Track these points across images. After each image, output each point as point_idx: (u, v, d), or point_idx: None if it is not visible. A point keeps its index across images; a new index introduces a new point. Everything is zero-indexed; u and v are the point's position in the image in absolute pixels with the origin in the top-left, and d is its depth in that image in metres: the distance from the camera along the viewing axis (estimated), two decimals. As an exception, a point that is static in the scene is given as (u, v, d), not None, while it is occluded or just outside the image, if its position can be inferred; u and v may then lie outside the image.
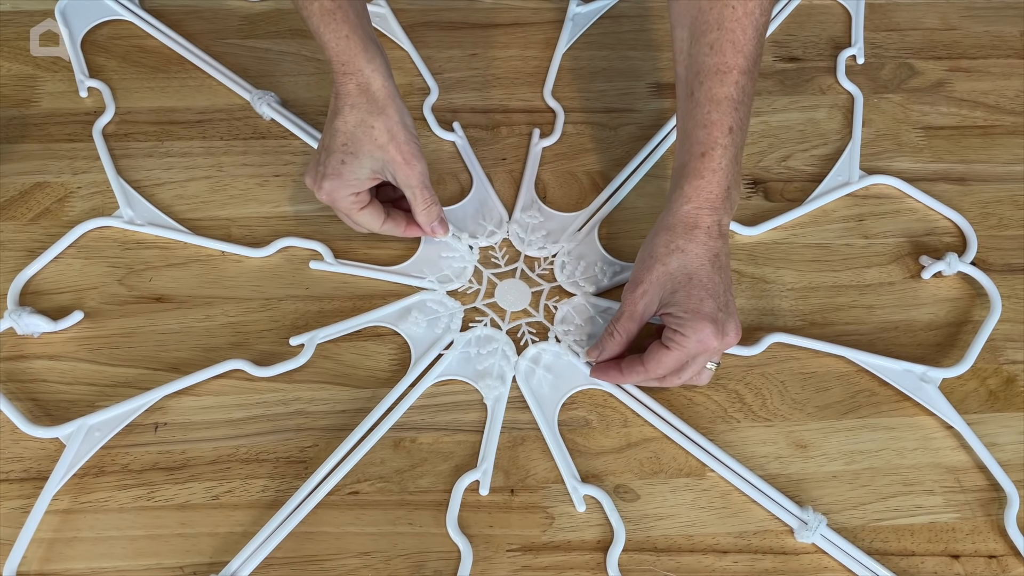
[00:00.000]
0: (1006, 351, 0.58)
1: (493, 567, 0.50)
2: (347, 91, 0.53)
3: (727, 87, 0.51)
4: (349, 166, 0.54)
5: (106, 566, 0.49)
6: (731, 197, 0.52)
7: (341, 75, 0.53)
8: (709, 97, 0.52)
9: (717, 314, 0.50)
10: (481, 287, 0.60)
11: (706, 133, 0.52)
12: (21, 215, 0.61)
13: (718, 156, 0.51)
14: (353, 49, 0.52)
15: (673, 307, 0.51)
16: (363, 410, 0.54)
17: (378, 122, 0.53)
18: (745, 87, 0.52)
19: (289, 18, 0.72)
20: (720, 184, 0.52)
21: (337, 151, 0.54)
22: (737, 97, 0.51)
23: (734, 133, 0.51)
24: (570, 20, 0.73)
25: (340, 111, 0.54)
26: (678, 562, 0.50)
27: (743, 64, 0.51)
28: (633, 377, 0.53)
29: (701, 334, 0.50)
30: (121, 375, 0.55)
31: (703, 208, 0.52)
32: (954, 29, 0.75)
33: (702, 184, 0.52)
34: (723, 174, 0.52)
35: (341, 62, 0.53)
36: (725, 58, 0.51)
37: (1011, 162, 0.67)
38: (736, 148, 0.52)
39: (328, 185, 0.55)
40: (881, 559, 0.51)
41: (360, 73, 0.53)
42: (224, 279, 0.59)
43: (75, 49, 0.69)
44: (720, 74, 0.51)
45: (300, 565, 0.49)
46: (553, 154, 0.66)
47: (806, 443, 0.55)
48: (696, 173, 0.52)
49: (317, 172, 0.55)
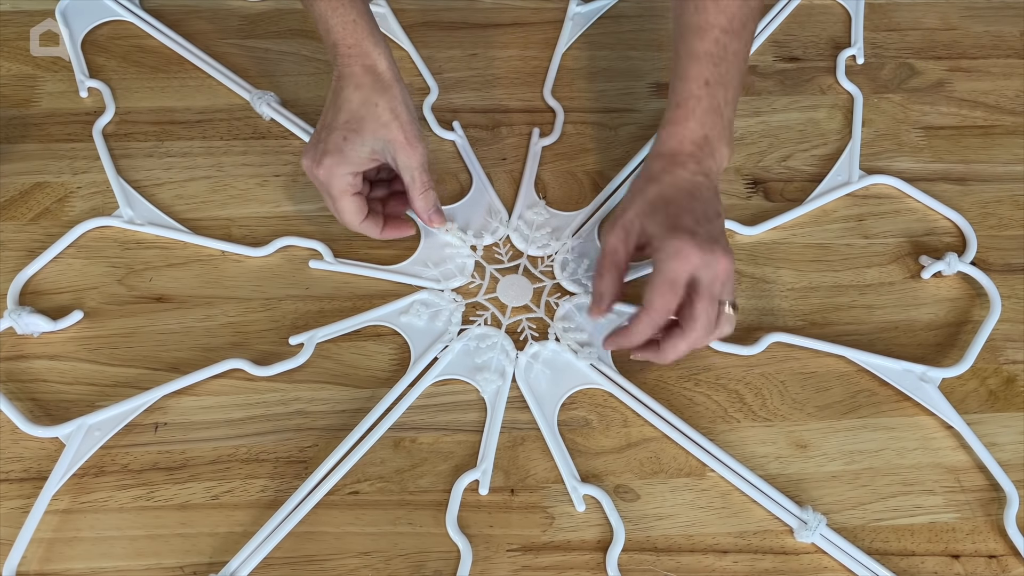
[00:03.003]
0: (1006, 351, 0.58)
1: (493, 567, 0.50)
2: (351, 72, 0.54)
3: (706, 43, 0.53)
4: (351, 143, 0.54)
5: (106, 566, 0.49)
6: (710, 144, 0.54)
7: (346, 57, 0.54)
8: (688, 52, 0.54)
9: (696, 228, 0.50)
10: (483, 282, 0.60)
11: (683, 85, 0.54)
12: (21, 215, 0.61)
13: (692, 106, 0.54)
14: (360, 33, 0.54)
15: (652, 235, 0.51)
16: (363, 410, 0.54)
17: (382, 100, 0.54)
18: (727, 44, 0.53)
19: (289, 18, 0.72)
20: (695, 131, 0.54)
21: (339, 128, 0.54)
22: (716, 53, 0.53)
23: (711, 86, 0.53)
24: (570, 20, 0.73)
25: (343, 90, 0.54)
26: (678, 562, 0.50)
27: (724, 23, 0.53)
28: (639, 329, 0.51)
29: (679, 247, 0.49)
30: (121, 375, 0.55)
31: (679, 150, 0.54)
32: (954, 29, 0.75)
33: (676, 130, 0.54)
34: (697, 122, 0.54)
35: (347, 44, 0.53)
36: (707, 16, 0.53)
37: (1011, 162, 0.67)
38: (714, 100, 0.54)
39: (328, 161, 0.54)
40: (881, 559, 0.51)
41: (367, 55, 0.54)
42: (224, 279, 0.59)
43: (75, 49, 0.69)
44: (700, 31, 0.54)
45: (300, 565, 0.49)
46: (553, 154, 0.66)
47: (806, 443, 0.55)
48: (672, 121, 0.54)
49: (316, 150, 0.55)
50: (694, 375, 0.57)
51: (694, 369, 0.57)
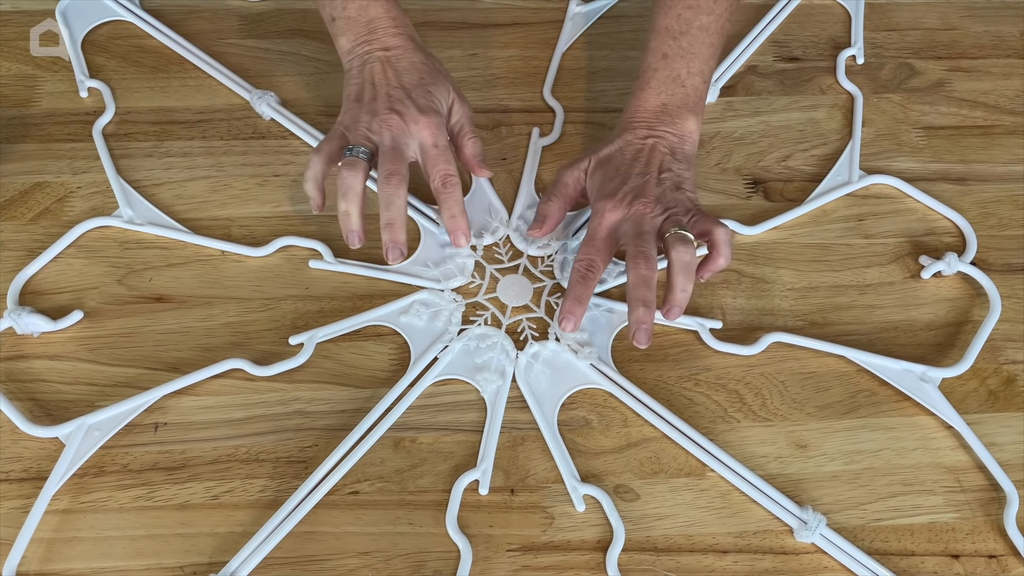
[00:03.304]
0: (1006, 351, 0.58)
1: (493, 567, 0.50)
2: (397, 43, 0.59)
3: (668, 19, 0.58)
4: (435, 96, 0.58)
5: (106, 566, 0.49)
6: (668, 112, 0.58)
7: (392, 29, 0.59)
8: (651, 27, 0.59)
9: (622, 188, 0.55)
10: (483, 282, 0.60)
11: (643, 58, 0.59)
12: (21, 215, 0.61)
13: (648, 77, 0.59)
14: (398, 9, 0.60)
15: (589, 192, 0.58)
16: (363, 410, 0.54)
17: (435, 62, 0.60)
18: (690, 19, 0.57)
19: (289, 18, 0.72)
20: (650, 100, 0.58)
21: (415, 86, 0.58)
22: (676, 28, 0.58)
23: (669, 59, 0.58)
24: (570, 20, 0.73)
25: (402, 58, 0.58)
26: (678, 562, 0.50)
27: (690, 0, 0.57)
28: (571, 276, 0.54)
29: (599, 208, 0.55)
30: (121, 375, 0.55)
31: (634, 117, 0.59)
32: (954, 29, 0.75)
33: (634, 100, 0.59)
34: (653, 92, 0.58)
35: (391, 17, 0.59)
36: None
37: (1011, 162, 0.67)
38: (672, 71, 0.58)
39: (432, 120, 0.57)
40: (881, 559, 0.51)
41: (408, 26, 0.60)
42: (224, 279, 0.59)
43: (75, 49, 0.69)
44: (665, 8, 0.58)
45: (300, 565, 0.49)
46: (553, 154, 0.66)
47: (806, 443, 0.55)
48: (632, 92, 0.60)
49: (405, 113, 0.56)
50: (694, 375, 0.57)
51: (694, 369, 0.57)
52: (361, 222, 0.56)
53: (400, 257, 0.56)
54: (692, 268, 0.53)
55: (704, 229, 0.54)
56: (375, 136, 0.56)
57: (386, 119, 0.56)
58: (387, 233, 0.55)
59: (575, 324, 0.54)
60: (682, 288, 0.52)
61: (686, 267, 0.52)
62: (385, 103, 0.57)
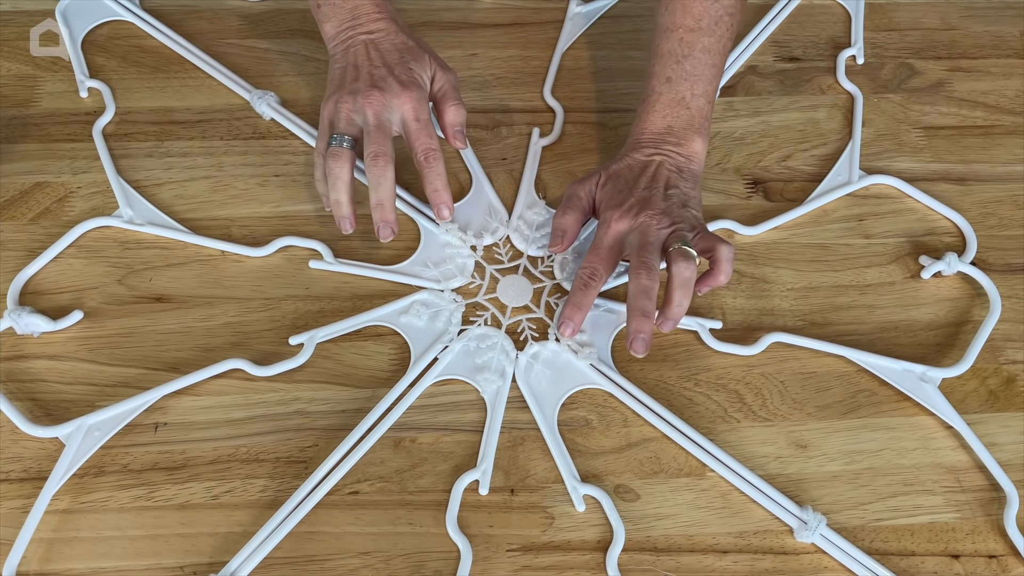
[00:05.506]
0: (1006, 351, 0.58)
1: (493, 567, 0.50)
2: (380, 27, 0.60)
3: (670, 43, 0.58)
4: (416, 71, 0.59)
5: (106, 566, 0.49)
6: (674, 132, 0.59)
7: (375, 15, 0.60)
8: (655, 51, 0.60)
9: (627, 200, 0.56)
10: (483, 282, 0.60)
11: (648, 82, 0.60)
12: (21, 215, 0.61)
13: (653, 100, 0.59)
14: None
15: (598, 204, 0.58)
16: (363, 410, 0.54)
17: (416, 40, 0.61)
18: (692, 43, 0.58)
19: (289, 18, 0.72)
20: (656, 123, 0.59)
21: (397, 64, 0.58)
22: (679, 52, 0.58)
23: (673, 82, 0.59)
24: (570, 20, 0.73)
25: (385, 40, 0.59)
26: (678, 562, 0.50)
27: (690, 23, 0.58)
28: (575, 283, 0.55)
29: (605, 218, 0.56)
30: (121, 375, 0.55)
31: (640, 138, 0.59)
32: (954, 29, 0.75)
33: (640, 123, 0.60)
34: (659, 115, 0.59)
35: (375, 2, 0.60)
36: (673, 18, 0.58)
37: (1011, 162, 0.67)
38: (676, 94, 0.59)
39: (413, 94, 0.57)
40: (881, 559, 0.51)
41: (391, 11, 0.61)
42: (224, 279, 0.59)
43: (75, 49, 0.69)
44: (666, 31, 0.59)
45: (300, 565, 0.49)
46: (553, 154, 0.66)
47: (806, 443, 0.55)
48: (639, 117, 0.60)
49: (387, 89, 0.57)
50: (694, 375, 0.57)
51: (694, 369, 0.57)
52: (351, 208, 0.58)
53: (391, 235, 0.58)
54: (691, 284, 0.53)
55: (708, 246, 0.54)
56: (357, 116, 0.57)
57: (367, 95, 0.57)
58: (377, 213, 0.57)
59: (573, 330, 0.54)
60: (679, 303, 0.53)
61: (685, 283, 0.52)
62: (367, 81, 0.58)
